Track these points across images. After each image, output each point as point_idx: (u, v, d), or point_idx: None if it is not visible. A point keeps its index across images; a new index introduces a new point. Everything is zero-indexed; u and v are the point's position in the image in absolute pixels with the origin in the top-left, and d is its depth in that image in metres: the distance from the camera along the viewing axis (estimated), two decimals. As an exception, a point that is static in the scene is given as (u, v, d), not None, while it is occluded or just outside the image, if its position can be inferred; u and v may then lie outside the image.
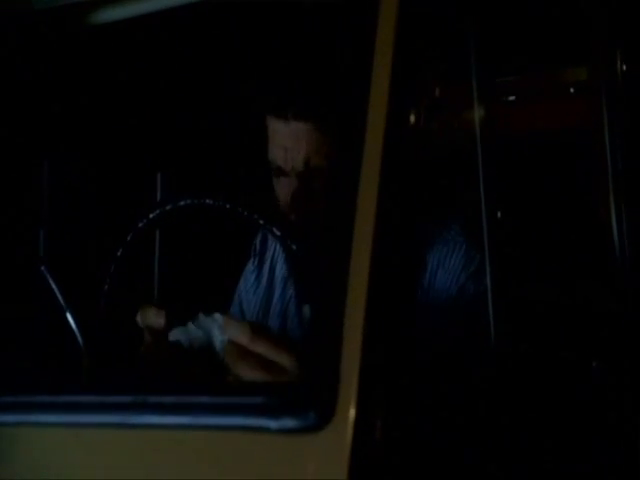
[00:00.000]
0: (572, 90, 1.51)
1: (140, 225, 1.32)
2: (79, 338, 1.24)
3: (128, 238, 1.32)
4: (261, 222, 1.35)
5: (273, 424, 0.86)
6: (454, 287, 1.33)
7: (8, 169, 1.90)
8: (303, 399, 0.86)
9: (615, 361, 1.12)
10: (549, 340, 1.04)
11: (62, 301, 1.26)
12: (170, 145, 2.22)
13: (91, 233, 2.08)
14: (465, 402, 0.95)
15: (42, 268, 1.27)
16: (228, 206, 1.34)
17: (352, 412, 0.83)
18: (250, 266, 1.69)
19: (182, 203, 1.28)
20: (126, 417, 0.93)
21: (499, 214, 1.05)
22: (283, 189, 1.46)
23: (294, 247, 1.35)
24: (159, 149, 2.21)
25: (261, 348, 0.99)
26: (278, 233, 1.34)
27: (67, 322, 1.36)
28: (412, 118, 0.94)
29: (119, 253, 1.32)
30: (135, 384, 0.96)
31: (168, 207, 1.31)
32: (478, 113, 1.08)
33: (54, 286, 1.26)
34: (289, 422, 0.85)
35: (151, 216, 1.32)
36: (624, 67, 1.32)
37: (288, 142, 1.42)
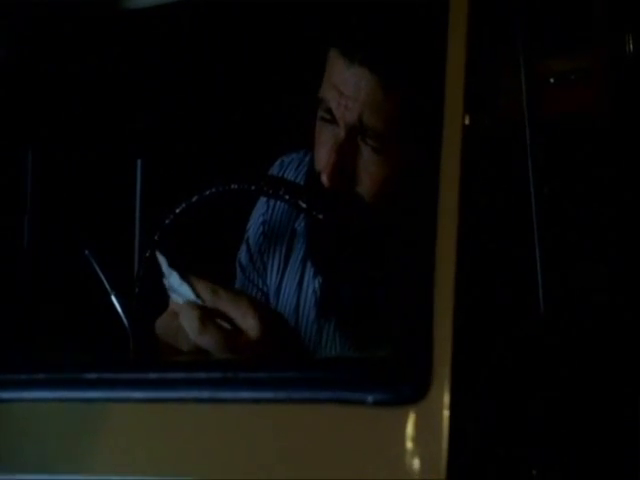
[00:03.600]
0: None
1: (177, 211, 1.36)
2: (125, 321, 1.28)
3: (165, 224, 1.36)
4: (287, 197, 1.35)
5: (369, 397, 0.91)
6: None
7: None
8: (399, 372, 0.91)
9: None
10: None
11: (107, 285, 1.29)
12: (151, 131, 2.24)
13: (74, 219, 2.10)
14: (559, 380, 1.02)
15: (86, 252, 1.30)
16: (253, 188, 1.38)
17: (447, 384, 0.89)
18: None
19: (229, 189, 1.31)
20: (215, 392, 0.98)
21: (548, 198, 1.10)
22: (327, 138, 1.32)
23: (320, 216, 1.31)
24: (140, 135, 2.24)
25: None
26: (304, 205, 1.32)
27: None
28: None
29: (156, 237, 1.36)
30: (225, 359, 1.00)
31: (206, 193, 1.35)
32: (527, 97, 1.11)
33: (99, 270, 1.29)
34: (385, 395, 0.90)
35: (188, 203, 1.36)
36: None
37: (345, 87, 1.28)
